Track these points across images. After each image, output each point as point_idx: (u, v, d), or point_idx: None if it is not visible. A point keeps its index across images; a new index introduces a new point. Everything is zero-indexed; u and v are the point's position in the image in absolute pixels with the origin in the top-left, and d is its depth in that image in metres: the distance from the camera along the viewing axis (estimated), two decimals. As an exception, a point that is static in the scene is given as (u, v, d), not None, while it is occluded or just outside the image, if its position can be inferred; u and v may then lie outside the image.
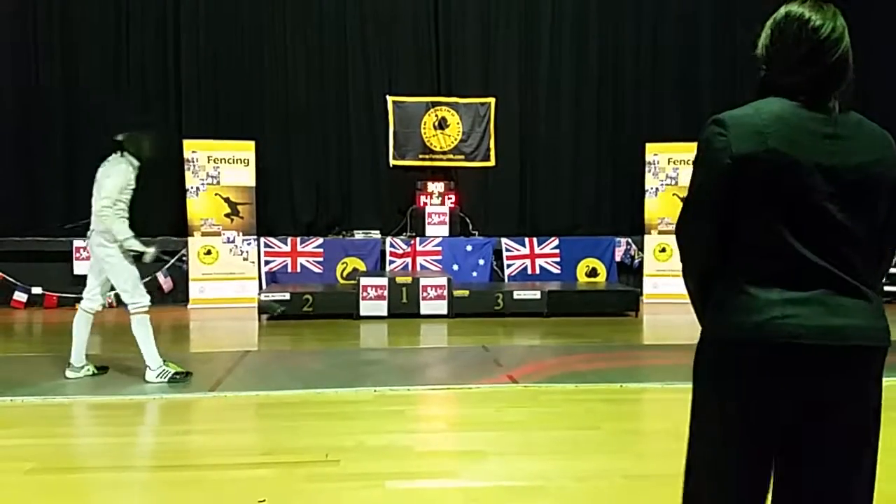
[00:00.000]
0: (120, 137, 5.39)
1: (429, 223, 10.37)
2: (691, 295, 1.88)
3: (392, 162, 10.86)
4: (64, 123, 10.17)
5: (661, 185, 10.31)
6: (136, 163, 5.40)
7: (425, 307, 8.76)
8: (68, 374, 5.49)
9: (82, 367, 5.50)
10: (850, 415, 1.68)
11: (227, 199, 9.91)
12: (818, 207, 1.65)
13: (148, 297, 5.51)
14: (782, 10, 1.76)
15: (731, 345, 1.69)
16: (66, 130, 10.16)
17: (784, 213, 1.66)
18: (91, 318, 5.53)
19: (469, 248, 10.32)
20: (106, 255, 5.33)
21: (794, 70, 1.71)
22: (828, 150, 1.67)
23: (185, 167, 9.81)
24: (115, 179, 5.26)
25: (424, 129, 10.91)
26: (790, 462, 1.74)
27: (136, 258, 5.41)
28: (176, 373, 5.45)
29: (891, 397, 5.34)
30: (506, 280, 10.23)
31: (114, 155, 5.41)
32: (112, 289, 5.57)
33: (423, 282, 8.81)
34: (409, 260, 10.18)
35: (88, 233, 5.42)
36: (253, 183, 10.02)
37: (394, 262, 10.16)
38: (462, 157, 10.99)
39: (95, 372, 5.57)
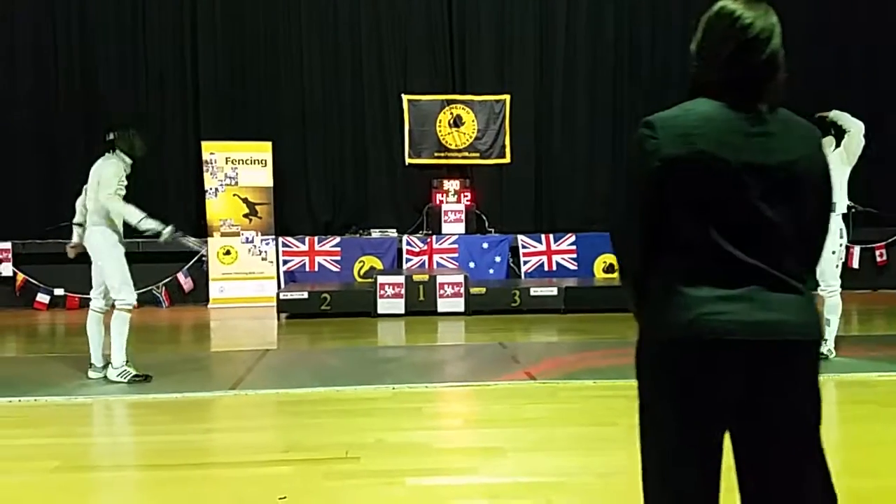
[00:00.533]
0: (111, 136, 5.45)
1: (445, 221, 10.38)
2: (627, 295, 1.90)
3: (408, 160, 10.88)
4: (83, 127, 10.27)
5: (678, 179, 10.24)
6: (128, 160, 5.47)
7: (442, 305, 8.77)
8: (91, 374, 5.56)
9: (104, 367, 5.56)
10: (787, 408, 1.69)
11: (245, 200, 9.99)
12: (747, 205, 1.67)
13: (135, 297, 5.56)
14: (715, 7, 1.77)
15: (665, 343, 1.71)
16: (85, 134, 10.25)
17: (713, 212, 1.68)
18: (102, 318, 5.59)
19: (485, 245, 10.33)
20: (100, 249, 5.41)
21: (723, 67, 1.73)
22: (755, 148, 1.69)
23: (204, 168, 9.90)
24: (109, 172, 5.33)
25: (440, 127, 10.92)
26: (739, 457, 1.75)
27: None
28: (136, 374, 5.46)
29: (892, 392, 5.25)
30: (522, 277, 10.22)
31: (106, 154, 5.48)
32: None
33: (439, 279, 8.83)
34: (425, 258, 10.20)
35: (85, 231, 5.47)
36: (271, 183, 10.09)
37: (410, 260, 10.18)
38: (477, 154, 10.99)
39: None
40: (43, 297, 9.72)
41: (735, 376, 1.66)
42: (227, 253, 9.91)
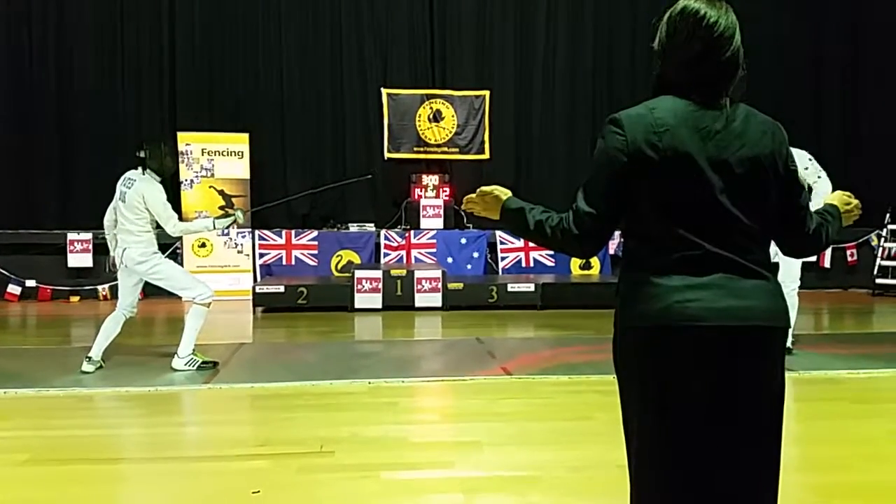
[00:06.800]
0: (142, 154, 5.35)
1: (423, 216, 10.37)
2: (564, 251, 1.90)
3: (387, 155, 10.85)
4: (57, 115, 10.16)
5: (656, 177, 10.32)
6: (157, 178, 5.40)
7: (420, 300, 8.77)
8: (85, 367, 5.40)
9: (98, 367, 5.45)
10: (757, 393, 1.73)
11: (221, 192, 9.90)
12: (712, 201, 1.71)
13: (211, 290, 5.64)
14: (678, 6, 1.80)
15: (640, 333, 1.75)
16: (59, 123, 10.15)
17: (680, 206, 1.72)
18: (124, 320, 5.51)
19: (463, 240, 10.34)
20: (149, 268, 5.39)
21: (688, 66, 1.76)
22: (719, 144, 1.72)
23: (179, 160, 9.78)
24: (156, 199, 5.29)
25: (419, 121, 10.90)
26: (707, 441, 1.76)
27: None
28: (203, 361, 5.54)
29: (870, 388, 5.36)
30: (500, 273, 10.25)
31: (134, 171, 5.38)
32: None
33: (417, 274, 8.82)
34: (403, 252, 10.18)
35: (121, 252, 5.38)
36: (247, 175, 10.01)
37: (388, 254, 10.16)
38: (457, 149, 10.99)
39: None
40: (14, 289, 9.57)
41: (707, 361, 1.70)
42: (203, 245, 9.82)
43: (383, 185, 10.90)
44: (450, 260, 10.14)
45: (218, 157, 9.92)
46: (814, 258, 10.65)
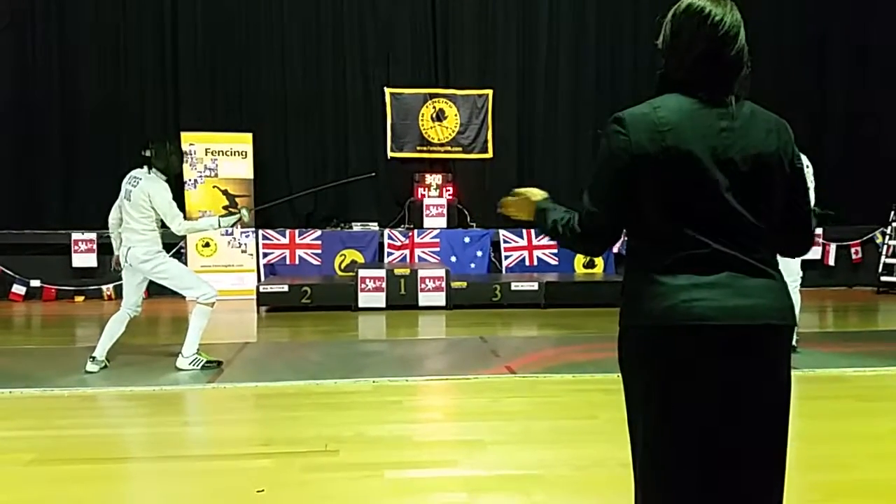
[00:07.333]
0: (147, 153, 5.35)
1: (427, 215, 10.37)
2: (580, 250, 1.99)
3: (390, 154, 10.85)
4: (60, 115, 10.16)
5: (659, 176, 10.30)
6: (163, 178, 5.40)
7: (423, 299, 8.77)
8: (89, 366, 5.40)
9: (103, 367, 5.46)
10: (764, 393, 1.73)
11: (225, 192, 9.92)
12: (717, 199, 1.70)
13: (214, 290, 5.64)
14: (683, 4, 1.79)
15: (646, 331, 1.74)
16: (62, 123, 10.15)
17: (685, 205, 1.71)
18: (128, 320, 5.53)
19: (467, 239, 10.33)
20: (153, 267, 5.41)
21: (693, 65, 1.75)
22: (724, 143, 1.72)
23: (183, 160, 9.79)
24: (162, 198, 5.30)
25: (422, 120, 10.90)
26: (714, 440, 1.76)
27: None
28: (207, 361, 5.56)
29: (874, 386, 5.34)
30: (504, 271, 10.24)
31: (140, 170, 5.39)
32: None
33: (421, 273, 8.82)
34: (407, 252, 10.19)
35: (125, 251, 5.40)
36: (251, 175, 10.02)
37: (392, 253, 10.17)
38: (460, 148, 10.98)
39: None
40: (19, 289, 9.59)
41: (715, 360, 1.69)
42: (207, 245, 9.83)
43: (386, 185, 10.90)
44: (453, 259, 10.14)
45: (221, 157, 9.93)
46: (818, 255, 10.64)
